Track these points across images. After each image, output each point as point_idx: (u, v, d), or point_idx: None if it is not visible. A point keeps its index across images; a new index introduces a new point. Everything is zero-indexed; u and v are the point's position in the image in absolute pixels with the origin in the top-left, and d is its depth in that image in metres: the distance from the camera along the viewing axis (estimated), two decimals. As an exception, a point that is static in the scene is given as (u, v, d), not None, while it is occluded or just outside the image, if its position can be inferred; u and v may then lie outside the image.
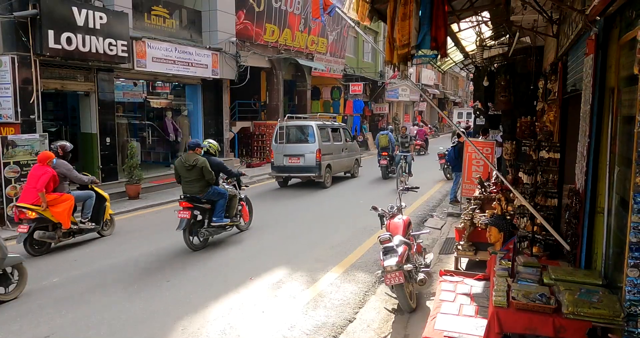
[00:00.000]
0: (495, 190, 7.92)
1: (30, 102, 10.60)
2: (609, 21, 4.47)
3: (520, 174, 6.03)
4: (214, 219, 8.02)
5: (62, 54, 10.83)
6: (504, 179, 5.74)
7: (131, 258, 7.34)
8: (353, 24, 6.21)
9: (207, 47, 15.87)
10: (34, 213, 7.35)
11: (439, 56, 4.55)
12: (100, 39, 11.47)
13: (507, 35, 9.87)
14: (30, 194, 7.43)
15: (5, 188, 9.15)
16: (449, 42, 8.79)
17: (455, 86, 47.28)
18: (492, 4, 6.97)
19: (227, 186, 8.63)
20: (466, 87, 48.10)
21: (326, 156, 14.31)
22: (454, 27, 8.36)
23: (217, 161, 8.40)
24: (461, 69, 14.65)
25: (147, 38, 13.50)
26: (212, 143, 8.55)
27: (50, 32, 10.38)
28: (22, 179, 9.10)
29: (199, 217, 8.00)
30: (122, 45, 12.06)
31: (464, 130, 16.67)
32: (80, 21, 10.97)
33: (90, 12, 11.21)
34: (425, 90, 35.47)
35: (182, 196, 7.89)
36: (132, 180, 12.23)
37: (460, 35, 9.19)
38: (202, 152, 8.20)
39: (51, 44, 10.43)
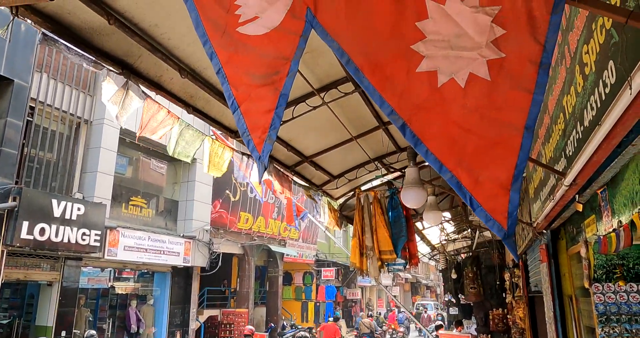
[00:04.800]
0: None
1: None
2: (555, 233, 4.83)
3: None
4: None
5: (33, 245, 10.78)
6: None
7: None
8: (323, 228, 6.56)
9: (181, 235, 16.12)
10: None
11: (408, 265, 4.80)
12: (75, 229, 11.61)
13: (470, 230, 10.43)
14: None
15: None
16: (416, 237, 9.23)
17: (427, 270, 47.62)
18: (450, 207, 7.58)
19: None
20: (437, 272, 48.43)
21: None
22: (419, 224, 8.87)
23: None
24: (429, 259, 15.01)
25: (121, 227, 13.73)
26: None
27: (25, 223, 10.51)
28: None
29: None
30: (96, 234, 12.18)
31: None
32: (57, 213, 11.23)
33: (69, 204, 11.57)
34: (397, 274, 35.50)
35: None
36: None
37: (425, 231, 9.70)
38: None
39: (23, 235, 10.47)
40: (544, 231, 4.88)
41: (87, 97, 13.27)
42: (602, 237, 3.44)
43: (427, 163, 5.59)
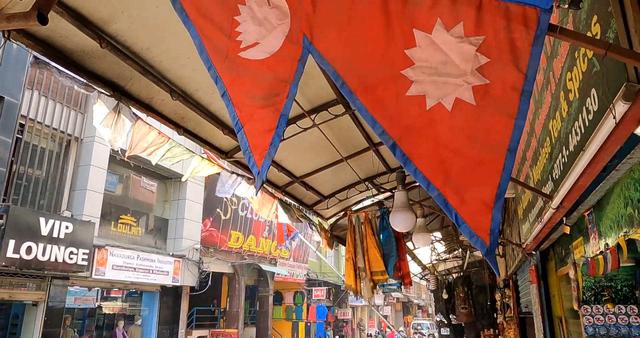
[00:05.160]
0: None
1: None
2: (544, 254, 4.85)
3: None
4: None
5: (19, 264, 10.62)
6: None
7: None
8: (314, 248, 6.55)
9: (171, 254, 15.96)
10: None
11: (403, 286, 4.80)
12: (62, 247, 11.46)
13: (460, 250, 10.42)
14: None
15: None
16: (407, 257, 9.22)
17: (419, 290, 47.37)
18: (441, 227, 7.59)
19: None
20: (429, 291, 48.18)
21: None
22: (409, 244, 8.87)
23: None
24: (420, 279, 14.96)
25: (110, 246, 13.57)
26: None
27: (11, 242, 10.36)
28: None
29: None
30: (84, 253, 12.03)
31: None
32: (45, 231, 11.09)
33: (57, 222, 11.45)
34: (388, 294, 35.26)
35: None
36: None
37: (416, 251, 9.68)
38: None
39: (9, 253, 10.31)
40: (533, 252, 4.90)
41: (78, 115, 13.25)
42: (589, 259, 3.47)
43: (416, 184, 5.62)
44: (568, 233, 3.76)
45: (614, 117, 1.79)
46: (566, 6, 1.45)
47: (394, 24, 1.69)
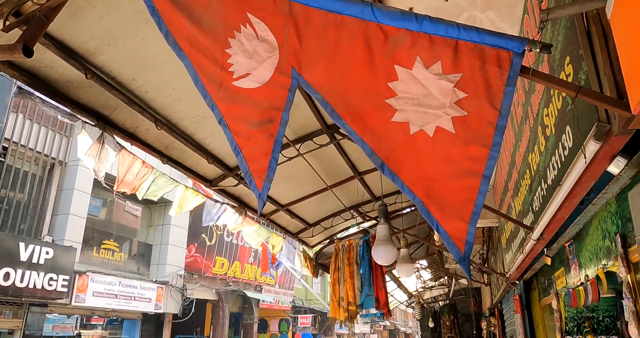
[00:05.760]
0: None
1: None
2: (528, 284, 4.86)
3: None
4: None
5: (-4, 291, 10.34)
6: None
7: None
8: (299, 277, 6.50)
9: (154, 280, 15.66)
10: None
11: (384, 316, 4.77)
12: (42, 273, 11.19)
13: (446, 277, 10.40)
14: None
15: None
16: (392, 285, 9.16)
17: (405, 317, 46.87)
18: (426, 254, 7.59)
19: None
20: (415, 319, 47.59)
21: None
22: (395, 272, 8.83)
23: None
24: (406, 307, 14.84)
25: (91, 272, 13.29)
26: None
27: (-10, 269, 10.12)
28: None
29: None
30: (64, 280, 11.74)
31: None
32: (24, 256, 10.84)
33: (38, 247, 11.21)
34: (375, 323, 34.79)
35: None
36: None
37: (402, 278, 9.64)
38: None
39: (-13, 280, 10.05)
40: (517, 281, 4.92)
41: (63, 138, 13.15)
42: (571, 290, 3.49)
43: (401, 213, 5.64)
44: (549, 264, 3.79)
45: (585, 157, 1.84)
46: (538, 50, 1.52)
47: (376, 60, 1.78)
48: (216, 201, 4.99)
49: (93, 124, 3.08)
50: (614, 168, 2.05)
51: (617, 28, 1.46)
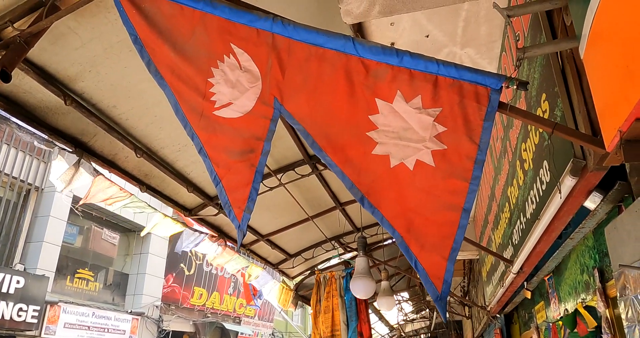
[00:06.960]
0: None
1: None
2: (509, 317, 4.84)
3: None
4: None
5: (-39, 322, 9.89)
6: None
7: None
8: (280, 310, 6.37)
9: (129, 311, 15.18)
10: None
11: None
12: (11, 303, 10.77)
13: (428, 310, 10.30)
14: None
15: None
16: (374, 317, 9.02)
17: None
18: (407, 287, 7.53)
19: None
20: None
21: None
22: (376, 304, 8.72)
23: None
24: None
25: (63, 302, 12.84)
26: None
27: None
28: None
29: None
30: (34, 310, 11.32)
31: None
32: (-6, 286, 10.46)
33: (8, 276, 10.83)
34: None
35: None
36: None
37: (383, 311, 9.52)
38: None
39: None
40: (498, 315, 4.89)
41: (40, 164, 12.91)
42: (551, 324, 3.47)
43: (382, 244, 5.61)
44: (529, 297, 3.78)
45: (560, 193, 1.86)
46: (515, 87, 1.55)
47: (358, 93, 1.80)
48: (195, 230, 4.91)
49: (70, 150, 3.03)
50: (590, 203, 2.08)
51: (590, 67, 1.50)
